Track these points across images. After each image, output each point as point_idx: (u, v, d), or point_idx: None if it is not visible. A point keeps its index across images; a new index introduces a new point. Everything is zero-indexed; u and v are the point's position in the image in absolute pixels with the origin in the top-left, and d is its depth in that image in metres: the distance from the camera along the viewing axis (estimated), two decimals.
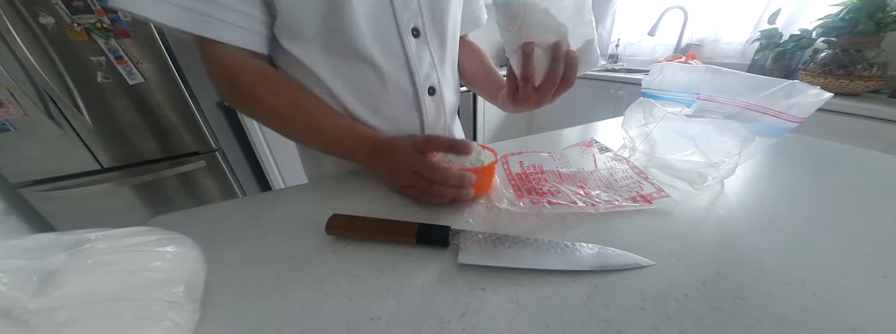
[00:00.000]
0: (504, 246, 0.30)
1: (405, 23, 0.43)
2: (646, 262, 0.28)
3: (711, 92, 0.41)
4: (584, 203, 0.36)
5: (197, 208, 0.42)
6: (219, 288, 0.28)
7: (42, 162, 1.13)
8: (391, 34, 0.43)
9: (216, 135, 1.36)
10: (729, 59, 1.70)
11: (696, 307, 0.24)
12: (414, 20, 0.44)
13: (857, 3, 1.03)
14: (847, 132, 1.01)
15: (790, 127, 0.36)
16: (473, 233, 0.32)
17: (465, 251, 0.29)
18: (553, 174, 0.42)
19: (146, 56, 1.11)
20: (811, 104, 0.34)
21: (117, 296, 0.21)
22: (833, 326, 0.22)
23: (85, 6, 0.99)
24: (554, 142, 0.63)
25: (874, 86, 1.07)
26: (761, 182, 0.43)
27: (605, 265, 0.28)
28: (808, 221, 0.34)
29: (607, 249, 0.30)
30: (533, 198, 0.37)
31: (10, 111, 1.03)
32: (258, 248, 0.33)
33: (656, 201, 0.36)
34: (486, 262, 0.28)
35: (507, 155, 0.44)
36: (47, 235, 0.24)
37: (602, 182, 0.41)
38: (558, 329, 0.23)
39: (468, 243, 0.30)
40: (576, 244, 0.30)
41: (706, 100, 0.40)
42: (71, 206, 1.22)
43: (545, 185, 0.39)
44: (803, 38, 1.19)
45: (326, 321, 0.24)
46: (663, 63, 0.44)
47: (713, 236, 0.32)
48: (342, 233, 0.33)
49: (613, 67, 2.12)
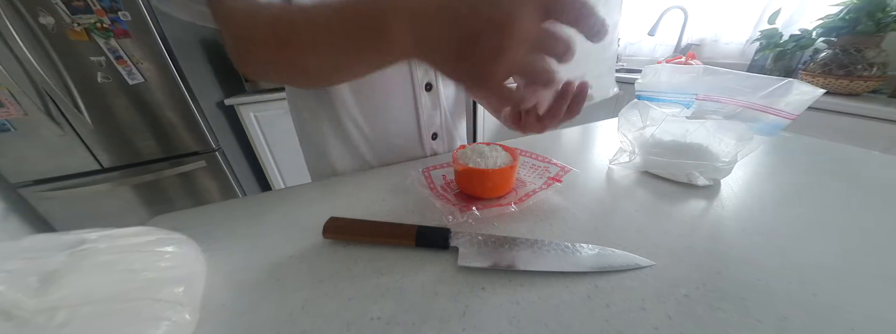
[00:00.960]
0: (504, 247, 0.30)
1: (420, 79, 0.49)
2: (646, 262, 0.28)
3: (710, 92, 0.41)
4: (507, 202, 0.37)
5: (197, 208, 0.42)
6: (219, 288, 0.28)
7: (42, 162, 1.13)
8: (407, 87, 0.49)
9: (216, 135, 1.36)
10: (729, 59, 1.70)
11: (696, 307, 0.24)
12: (427, 76, 0.49)
13: (857, 3, 1.03)
14: (847, 132, 1.01)
15: (785, 124, 0.37)
16: (473, 235, 0.32)
17: (466, 253, 0.29)
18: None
19: (146, 56, 1.11)
20: (805, 101, 0.35)
21: (117, 297, 0.21)
22: (833, 326, 0.22)
23: (85, 6, 0.99)
24: (553, 143, 0.63)
25: (874, 87, 1.07)
26: (761, 182, 0.43)
27: (605, 266, 0.28)
28: (808, 221, 0.34)
29: (607, 250, 0.30)
30: (460, 205, 0.37)
31: (10, 111, 1.03)
32: (258, 248, 0.33)
33: (564, 177, 0.40)
34: (487, 264, 0.28)
35: (429, 168, 0.44)
36: (47, 235, 0.24)
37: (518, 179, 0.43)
38: (558, 329, 0.23)
39: (468, 245, 0.30)
40: (576, 245, 0.30)
41: (705, 100, 0.40)
42: (71, 206, 1.22)
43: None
44: (803, 38, 1.19)
45: (326, 321, 0.24)
46: (656, 65, 0.44)
47: (713, 236, 0.32)
48: (340, 236, 0.33)
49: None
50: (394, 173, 0.50)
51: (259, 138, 1.59)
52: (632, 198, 0.40)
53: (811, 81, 1.15)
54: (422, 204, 0.40)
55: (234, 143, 1.57)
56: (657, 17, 1.84)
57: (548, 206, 0.39)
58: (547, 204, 0.39)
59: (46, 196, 1.17)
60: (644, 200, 0.39)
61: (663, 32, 1.92)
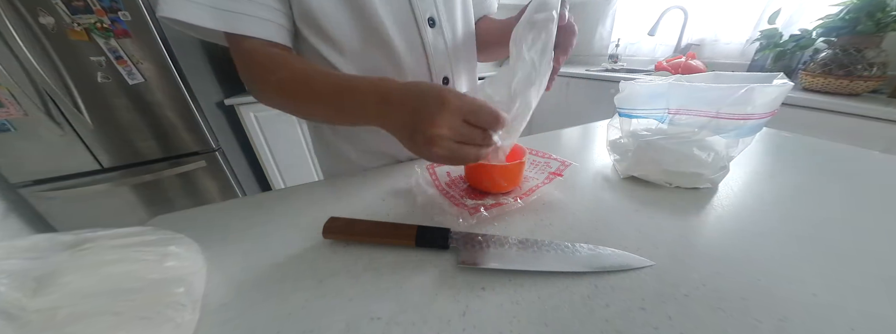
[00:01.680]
0: (504, 247, 0.30)
1: (422, 12, 0.45)
2: (645, 262, 0.28)
3: (680, 105, 0.40)
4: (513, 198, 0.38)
5: (197, 208, 0.42)
6: (219, 288, 0.28)
7: (42, 162, 1.13)
8: (409, 23, 0.45)
9: (216, 135, 1.36)
10: (729, 59, 1.70)
11: (696, 307, 0.24)
12: (430, 10, 0.46)
13: (857, 3, 1.03)
14: (847, 132, 1.00)
15: (764, 121, 0.37)
16: (473, 235, 0.32)
17: (466, 253, 0.29)
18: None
19: (146, 56, 1.11)
20: (776, 98, 0.35)
21: (118, 297, 0.21)
22: (833, 326, 0.22)
23: (85, 6, 0.99)
24: (554, 143, 0.63)
25: (874, 86, 1.07)
26: (761, 182, 0.43)
27: (606, 266, 0.28)
28: (808, 221, 0.34)
29: (607, 250, 0.30)
30: (470, 205, 0.37)
31: (10, 111, 1.03)
32: (258, 248, 0.33)
33: (565, 171, 0.41)
34: (488, 264, 0.28)
35: (433, 165, 0.45)
36: (47, 235, 0.24)
37: None
38: (558, 329, 0.23)
39: (468, 245, 0.30)
40: (576, 245, 0.30)
41: (677, 114, 0.39)
42: (71, 206, 1.21)
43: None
44: (803, 38, 1.19)
45: (326, 321, 0.24)
46: (631, 81, 0.44)
47: (713, 236, 0.32)
48: (340, 236, 0.33)
49: (613, 67, 2.12)
50: (397, 172, 0.50)
51: (259, 138, 1.59)
52: (632, 198, 0.40)
53: (811, 81, 1.15)
54: (426, 202, 0.40)
55: (234, 143, 1.56)
56: (657, 17, 1.84)
57: (550, 201, 0.39)
58: (549, 198, 0.40)
59: (46, 196, 1.16)
60: (644, 200, 0.39)
61: (663, 32, 1.92)
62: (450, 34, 0.49)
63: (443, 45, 0.49)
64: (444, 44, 0.49)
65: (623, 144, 0.45)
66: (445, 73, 0.51)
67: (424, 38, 0.47)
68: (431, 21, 0.47)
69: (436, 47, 0.48)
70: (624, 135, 0.46)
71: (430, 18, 0.47)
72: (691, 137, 0.39)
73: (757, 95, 0.34)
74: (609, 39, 2.32)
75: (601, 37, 2.38)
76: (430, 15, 0.46)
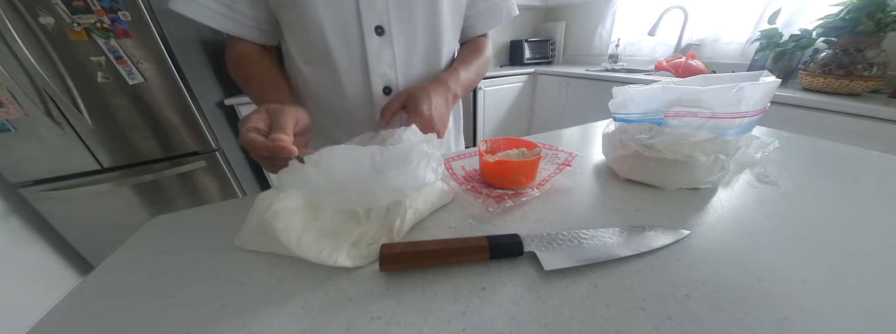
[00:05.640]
0: (573, 243, 0.30)
1: (369, 21, 0.45)
2: (683, 233, 0.32)
3: (675, 107, 0.40)
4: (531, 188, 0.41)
5: (197, 208, 0.42)
6: (219, 288, 0.28)
7: (42, 162, 1.13)
8: (352, 30, 0.46)
9: (216, 135, 1.36)
10: (729, 59, 1.70)
11: (696, 307, 0.24)
12: (378, 19, 0.46)
13: (857, 3, 1.03)
14: (847, 132, 1.00)
15: (757, 118, 0.37)
16: (540, 236, 0.31)
17: (545, 256, 0.29)
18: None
19: (146, 56, 1.11)
20: (766, 95, 0.36)
21: None
22: (833, 326, 0.22)
23: (85, 6, 0.99)
24: (555, 142, 0.63)
25: (874, 87, 1.07)
26: (760, 182, 0.43)
27: (653, 245, 0.30)
28: (808, 221, 0.34)
29: (652, 229, 0.32)
30: (493, 194, 0.40)
31: (10, 111, 1.03)
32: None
33: (573, 161, 0.45)
34: (572, 263, 0.28)
35: (450, 160, 0.47)
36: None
37: None
38: (558, 329, 0.23)
39: (542, 247, 0.30)
40: (614, 229, 0.32)
41: (674, 117, 0.40)
42: (71, 206, 1.21)
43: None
44: (803, 38, 1.19)
45: (326, 321, 0.24)
46: (624, 86, 0.44)
47: (713, 236, 0.32)
48: (402, 265, 0.28)
49: (613, 67, 2.12)
50: None
51: None
52: (632, 197, 0.40)
53: (811, 81, 1.15)
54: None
55: (234, 143, 1.56)
56: (657, 17, 1.84)
57: (562, 188, 0.43)
58: (560, 185, 0.44)
59: (46, 196, 1.16)
60: (644, 200, 0.39)
61: (663, 32, 1.92)
62: (402, 44, 0.49)
63: (389, 55, 0.49)
64: (391, 53, 0.49)
65: (620, 148, 0.45)
66: (387, 83, 0.51)
67: (367, 45, 0.47)
68: (379, 29, 0.46)
69: (378, 56, 0.48)
70: (621, 140, 0.46)
71: (378, 26, 0.46)
72: (689, 139, 0.39)
73: (747, 93, 0.35)
74: (609, 39, 2.32)
75: (601, 37, 2.38)
76: (378, 23, 0.46)
